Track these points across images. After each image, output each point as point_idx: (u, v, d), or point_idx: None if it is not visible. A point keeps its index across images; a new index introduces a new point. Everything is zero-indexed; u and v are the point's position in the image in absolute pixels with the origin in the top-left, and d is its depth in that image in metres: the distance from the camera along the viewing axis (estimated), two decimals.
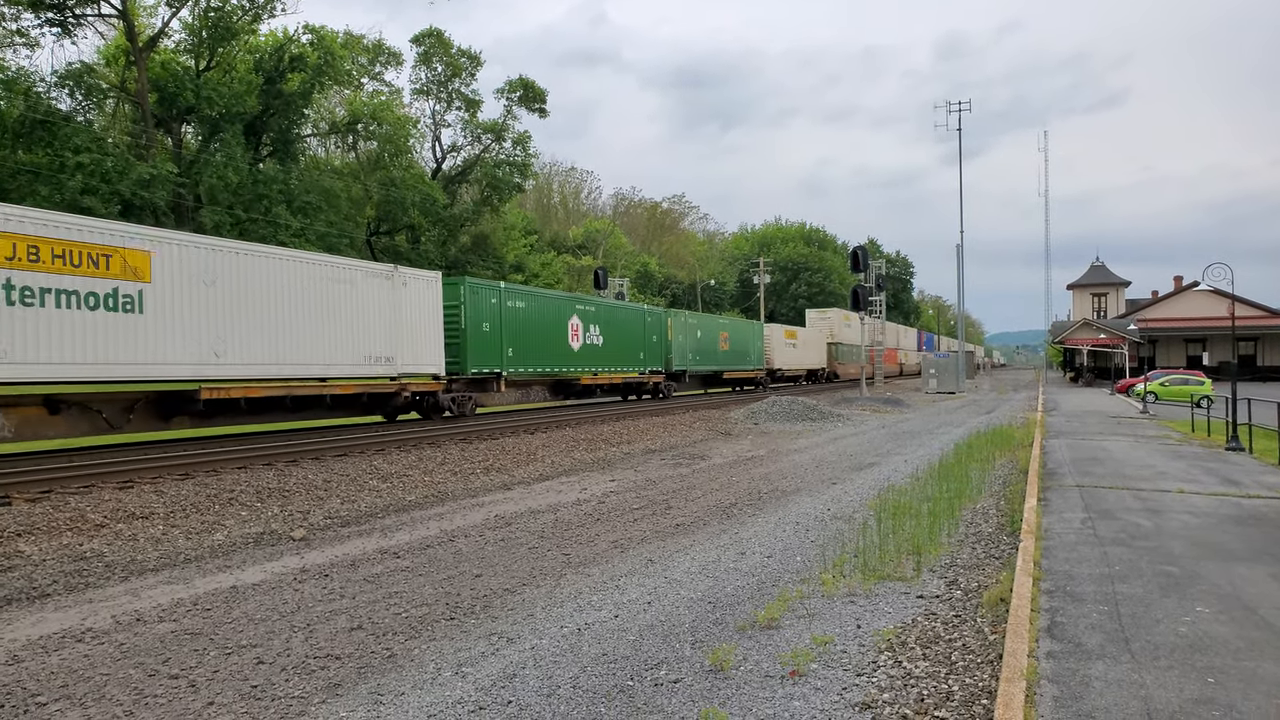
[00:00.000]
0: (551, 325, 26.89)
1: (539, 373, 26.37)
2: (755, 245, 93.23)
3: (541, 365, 26.28)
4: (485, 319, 23.44)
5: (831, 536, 9.52)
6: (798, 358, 51.53)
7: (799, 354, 51.70)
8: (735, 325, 43.79)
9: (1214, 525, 9.50)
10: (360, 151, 50.12)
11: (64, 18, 34.61)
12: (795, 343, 51.36)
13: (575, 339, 28.13)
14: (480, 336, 23.20)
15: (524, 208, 69.53)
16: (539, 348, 26.02)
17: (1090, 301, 77.39)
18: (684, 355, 36.25)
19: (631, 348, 32.17)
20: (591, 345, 29.05)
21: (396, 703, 5.08)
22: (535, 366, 25.90)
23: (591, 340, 29.03)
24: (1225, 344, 59.44)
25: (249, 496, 12.22)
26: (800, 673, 5.37)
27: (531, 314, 25.73)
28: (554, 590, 7.54)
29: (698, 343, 37.77)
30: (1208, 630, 5.81)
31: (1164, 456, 16.26)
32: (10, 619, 6.88)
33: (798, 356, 51.48)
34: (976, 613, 6.58)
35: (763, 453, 18.63)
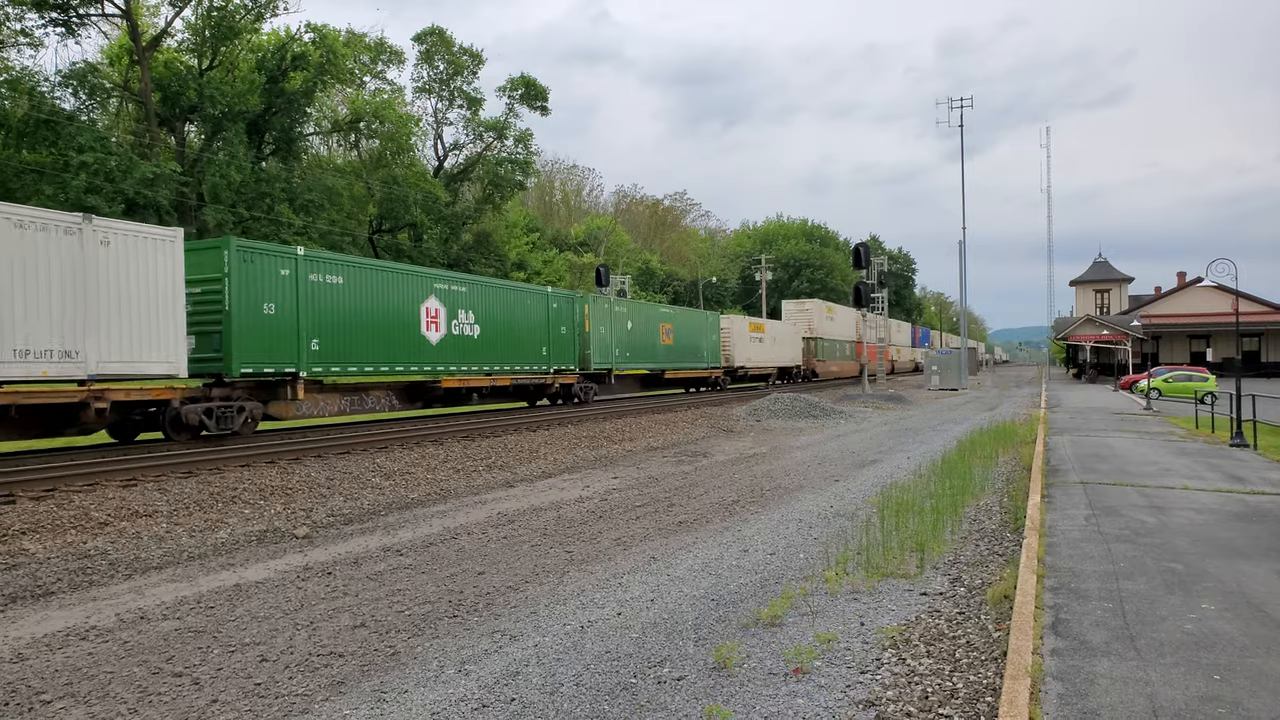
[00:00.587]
0: (394, 309, 19.88)
1: (372, 373, 19.55)
2: (757, 242, 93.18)
3: (377, 363, 19.40)
4: (269, 298, 16.82)
5: (835, 534, 9.51)
6: (766, 354, 45.58)
7: (767, 350, 45.82)
8: (682, 316, 36.85)
9: (1219, 522, 9.48)
10: (362, 149, 50.15)
11: (68, 18, 34.66)
12: (762, 337, 45.27)
13: (433, 328, 21.04)
14: (259, 322, 16.52)
15: (526, 205, 69.55)
16: (372, 339, 19.22)
17: (1093, 298, 77.26)
18: (607, 351, 29.56)
19: (527, 341, 25.09)
20: (460, 337, 21.98)
21: (400, 700, 5.08)
22: (364, 364, 19.08)
23: (461, 330, 22.01)
24: (1229, 340, 59.32)
25: (252, 494, 12.23)
26: (804, 670, 5.36)
27: (357, 293, 18.89)
28: (557, 588, 7.54)
29: (629, 336, 30.94)
30: (1213, 627, 5.80)
31: (1168, 453, 16.22)
32: (15, 617, 6.89)
33: (766, 353, 45.54)
34: (981, 610, 6.57)
35: (765, 450, 18.62)
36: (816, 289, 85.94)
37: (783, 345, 48.37)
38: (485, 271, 47.83)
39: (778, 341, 47.68)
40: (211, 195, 36.72)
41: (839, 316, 59.58)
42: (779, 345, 47.73)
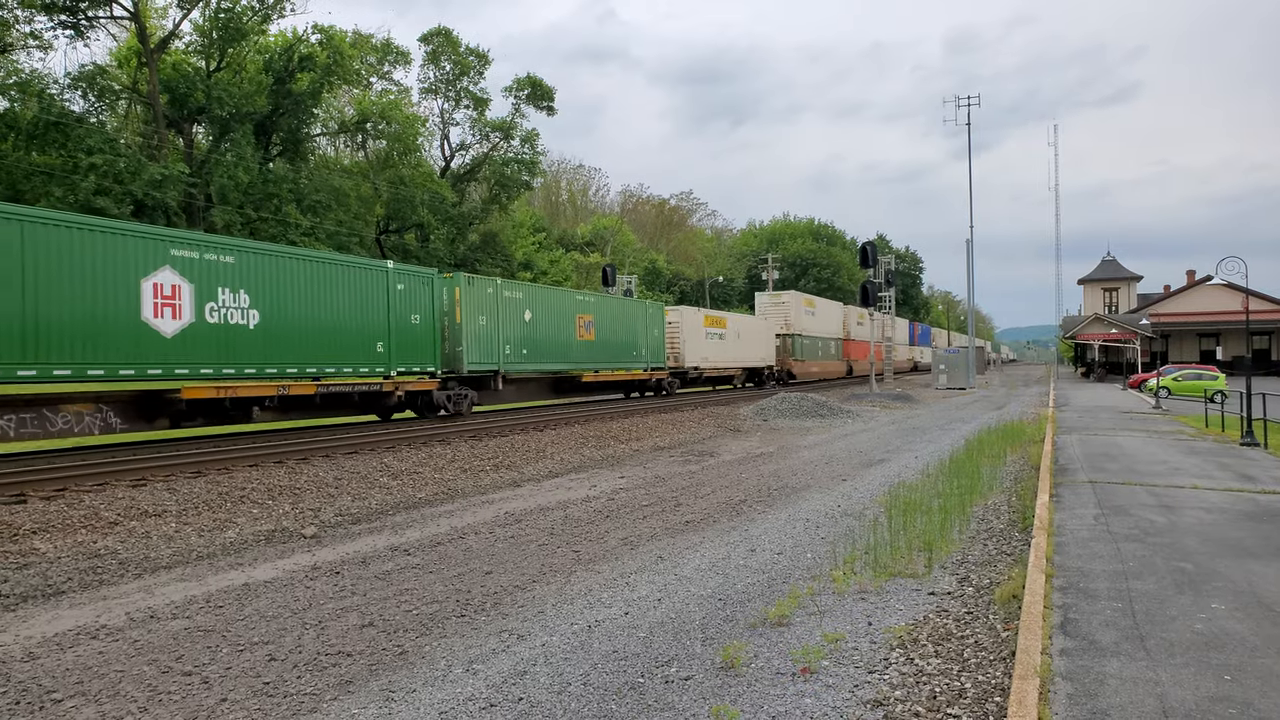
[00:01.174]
0: (95, 286, 13.96)
1: (65, 378, 13.68)
2: (764, 241, 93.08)
3: (66, 363, 13.56)
4: None
5: (842, 533, 9.49)
6: (727, 353, 39.30)
7: (730, 348, 39.48)
8: (608, 305, 30.01)
9: (1229, 521, 9.43)
10: (369, 150, 50.24)
11: (76, 20, 34.82)
12: (723, 333, 38.77)
13: (167, 313, 15.06)
14: None
15: (532, 205, 69.62)
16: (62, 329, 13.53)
17: (1101, 296, 76.95)
18: (491, 348, 23.25)
19: (351, 333, 18.91)
20: (221, 327, 16.02)
21: (408, 700, 5.09)
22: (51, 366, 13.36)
23: (224, 316, 16.04)
24: (1239, 338, 59.04)
25: (260, 494, 12.27)
26: (811, 670, 5.35)
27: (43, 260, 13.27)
28: (564, 587, 7.55)
29: (527, 329, 24.86)
30: (1224, 627, 5.77)
31: (1178, 452, 16.15)
32: (26, 616, 6.93)
33: (727, 351, 39.29)
34: (989, 609, 6.55)
35: (772, 449, 18.60)
36: (823, 288, 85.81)
37: (750, 343, 41.94)
38: (492, 272, 47.84)
39: (743, 338, 41.09)
40: (219, 196, 36.85)
41: (821, 311, 53.30)
42: (745, 343, 41.35)
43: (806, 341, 49.39)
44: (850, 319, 60.74)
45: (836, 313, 56.57)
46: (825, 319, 54.00)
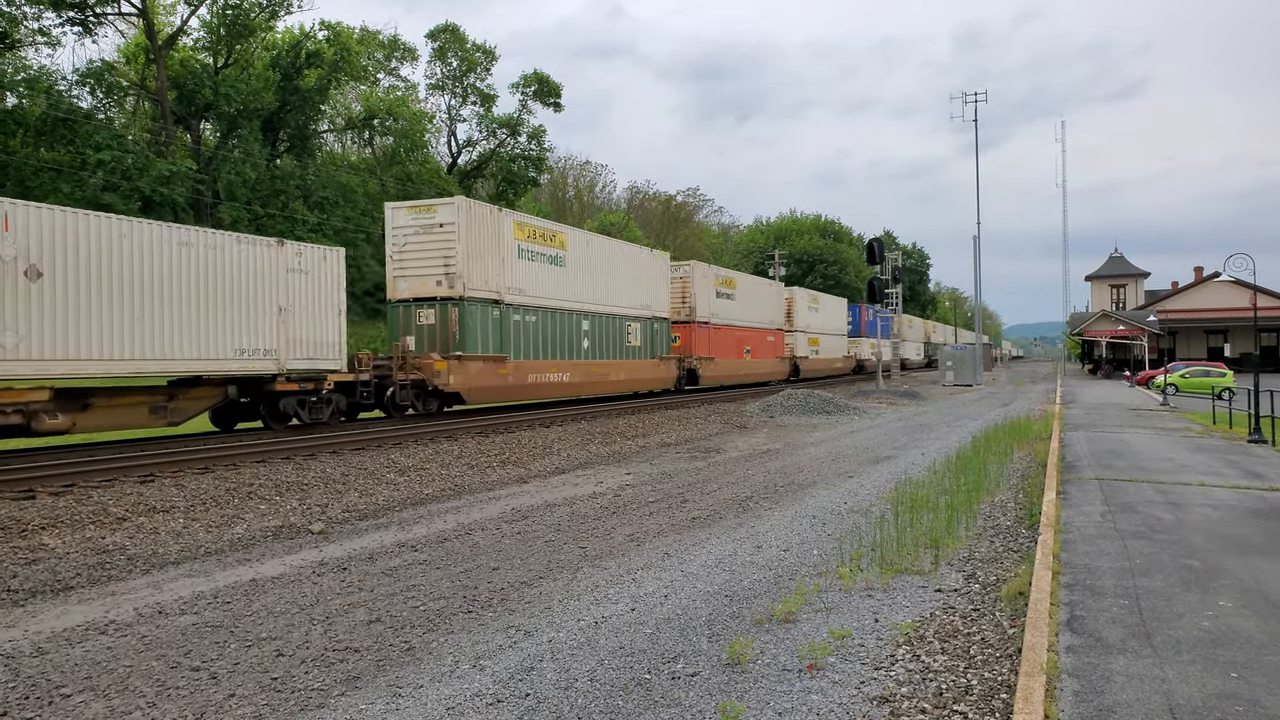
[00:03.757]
0: None
1: None
2: (770, 238, 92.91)
3: None
4: None
5: (848, 530, 9.49)
6: None
7: None
8: None
9: (1236, 519, 9.40)
10: (376, 146, 50.33)
11: (85, 17, 34.94)
12: None
13: None
14: None
15: (539, 201, 69.64)
16: None
17: (1109, 293, 76.74)
18: None
19: None
20: None
21: (415, 695, 5.11)
22: None
23: None
24: (1247, 335, 58.79)
25: (268, 490, 12.31)
26: (818, 666, 5.35)
27: None
28: (571, 583, 7.56)
29: None
30: (1231, 624, 5.76)
31: (1185, 449, 16.10)
32: (35, 611, 6.97)
33: None
34: (995, 606, 6.55)
35: (778, 446, 18.59)
36: (830, 284, 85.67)
37: None
38: None
39: None
40: (227, 193, 36.96)
41: (746, 291, 39.37)
42: None
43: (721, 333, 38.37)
44: (797, 303, 46.50)
45: (767, 294, 42.65)
46: (749, 301, 39.57)
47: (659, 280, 31.12)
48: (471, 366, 21.01)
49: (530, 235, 23.76)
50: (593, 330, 26.59)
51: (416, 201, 22.60)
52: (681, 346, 33.13)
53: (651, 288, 30.31)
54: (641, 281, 29.55)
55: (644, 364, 29.79)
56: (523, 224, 23.60)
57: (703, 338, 34.28)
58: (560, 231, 25.57)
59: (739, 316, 37.96)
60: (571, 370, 25.18)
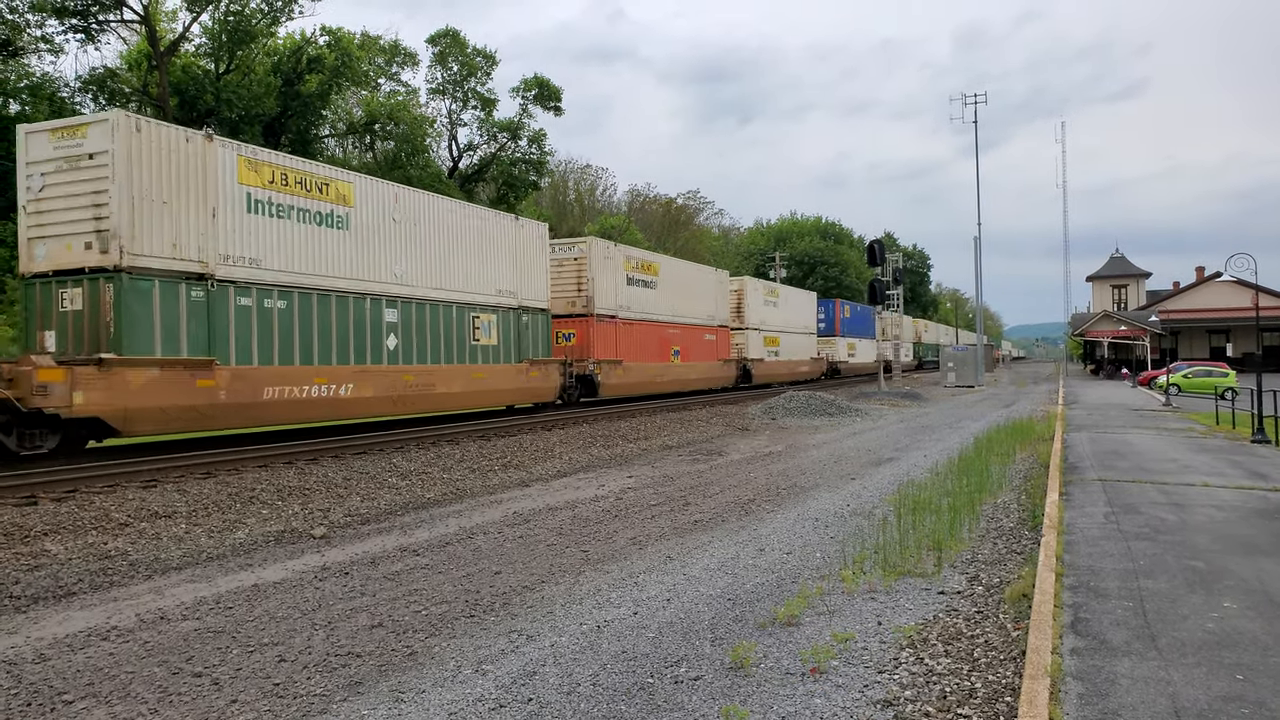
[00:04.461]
0: None
1: None
2: (771, 239, 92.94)
3: None
4: None
5: (851, 532, 9.47)
6: None
7: None
8: None
9: (1240, 519, 9.38)
10: (377, 151, 50.37)
11: (87, 24, 35.02)
12: None
13: None
14: None
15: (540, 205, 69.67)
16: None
17: (1110, 293, 76.67)
18: None
19: None
20: None
21: (417, 700, 5.10)
22: None
23: None
24: (1249, 335, 58.71)
25: (270, 495, 12.31)
26: (821, 670, 5.34)
27: None
28: (573, 587, 7.55)
29: None
30: (1236, 626, 5.74)
31: (1188, 450, 16.07)
32: (37, 617, 6.96)
33: None
34: (999, 609, 6.53)
35: (780, 448, 18.57)
36: (831, 286, 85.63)
37: None
38: None
39: None
40: None
41: (674, 279, 32.64)
42: None
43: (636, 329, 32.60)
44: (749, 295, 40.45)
45: (706, 282, 36.08)
46: (675, 292, 32.88)
47: (530, 259, 23.88)
48: (133, 377, 13.61)
49: (275, 180, 16.29)
50: (405, 323, 19.29)
51: (60, 121, 14.89)
52: (575, 347, 26.60)
53: (516, 268, 23.15)
54: (499, 259, 22.48)
55: (502, 370, 22.25)
56: (259, 162, 16.00)
57: (606, 336, 27.51)
58: (336, 179, 17.87)
59: (664, 310, 31.41)
60: (360, 381, 17.75)
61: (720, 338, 36.54)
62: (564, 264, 27.25)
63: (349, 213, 18.01)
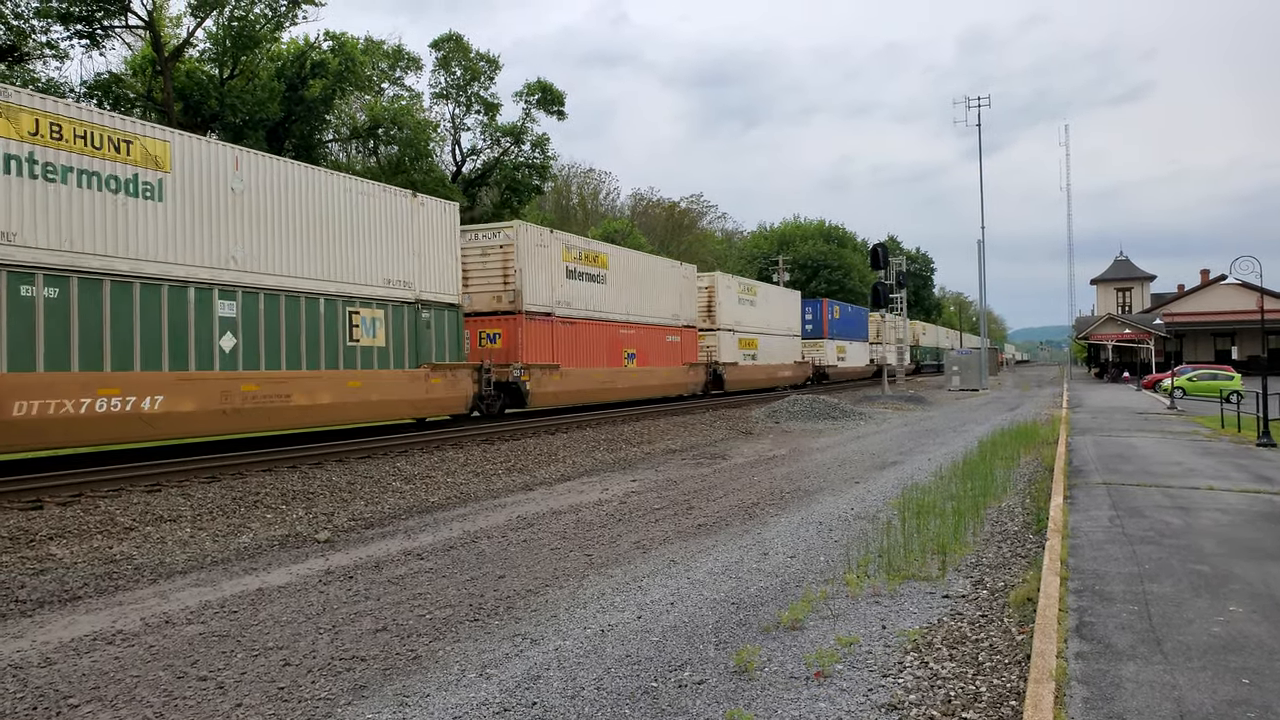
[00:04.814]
0: None
1: None
2: (774, 243, 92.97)
3: None
4: None
5: (855, 536, 9.46)
6: None
7: None
8: None
9: (1246, 523, 9.35)
10: (381, 156, 50.46)
11: (92, 29, 35.15)
12: None
13: None
14: None
15: (543, 209, 69.77)
16: None
17: (1115, 296, 76.56)
18: None
19: None
20: None
21: (422, 704, 5.10)
22: None
23: None
24: (1255, 338, 58.56)
25: (274, 499, 12.33)
26: (825, 674, 5.33)
27: None
28: (577, 591, 7.55)
29: None
30: (1242, 630, 5.72)
31: (1193, 453, 16.03)
32: (42, 621, 6.98)
33: None
34: (1003, 613, 6.52)
35: (784, 452, 18.56)
36: (835, 290, 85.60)
37: None
38: None
39: None
40: None
41: (628, 273, 28.99)
42: None
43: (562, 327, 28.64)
44: (721, 293, 37.06)
45: (670, 278, 32.20)
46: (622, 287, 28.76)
47: (434, 245, 20.14)
48: None
49: (42, 132, 12.83)
50: (248, 319, 15.69)
51: None
52: (501, 350, 22.87)
53: (414, 255, 19.47)
54: (391, 244, 18.87)
55: (390, 378, 18.52)
56: (14, 108, 12.57)
57: (538, 337, 23.71)
58: (144, 136, 14.25)
59: (615, 307, 27.99)
60: (176, 392, 14.26)
61: (686, 339, 32.90)
62: (488, 253, 23.44)
63: (163, 179, 14.35)
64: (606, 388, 27.30)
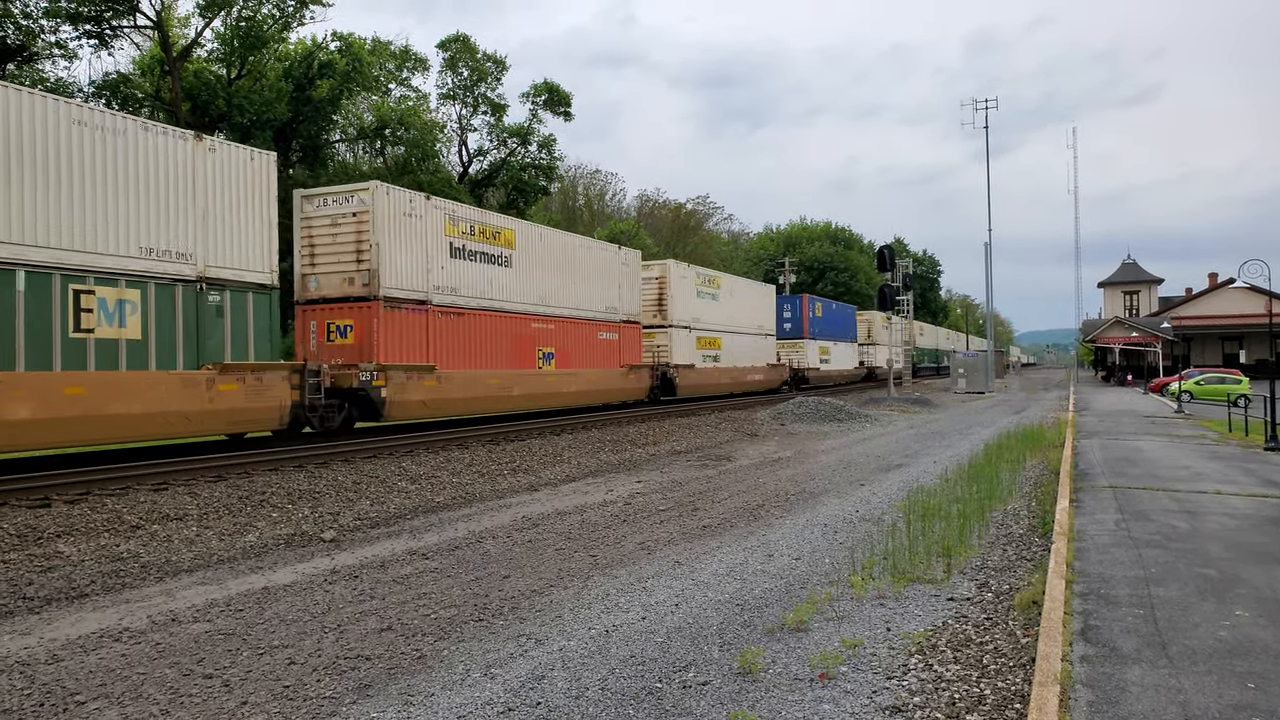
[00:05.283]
0: None
1: None
2: (780, 245, 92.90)
3: None
4: None
5: (860, 538, 9.45)
6: None
7: None
8: None
9: (1253, 527, 9.32)
10: (388, 156, 50.57)
11: (101, 30, 35.30)
12: None
13: None
14: None
15: (549, 210, 69.83)
16: None
17: (1122, 299, 76.39)
18: None
19: None
20: None
21: (426, 703, 5.11)
22: None
23: None
24: (1263, 342, 58.32)
25: (280, 498, 12.36)
26: (830, 675, 5.33)
27: None
28: (581, 592, 7.55)
29: None
30: (1248, 634, 5.70)
31: (1200, 457, 15.97)
32: (50, 618, 7.01)
33: None
34: (1008, 615, 6.51)
35: (789, 454, 18.54)
36: (841, 292, 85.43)
37: None
38: None
39: None
40: None
41: (541, 254, 23.94)
42: None
43: None
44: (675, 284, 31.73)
45: (605, 264, 27.43)
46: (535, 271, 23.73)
47: (228, 203, 15.50)
48: None
49: None
50: None
51: None
52: (353, 347, 18.36)
53: (196, 215, 14.82)
54: (153, 199, 14.20)
55: (146, 383, 13.68)
56: None
57: (407, 330, 18.90)
58: None
59: (526, 296, 22.87)
60: None
61: (626, 337, 27.94)
62: (338, 223, 18.66)
63: None
64: (503, 395, 21.84)
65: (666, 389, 30.61)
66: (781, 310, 45.41)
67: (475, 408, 21.59)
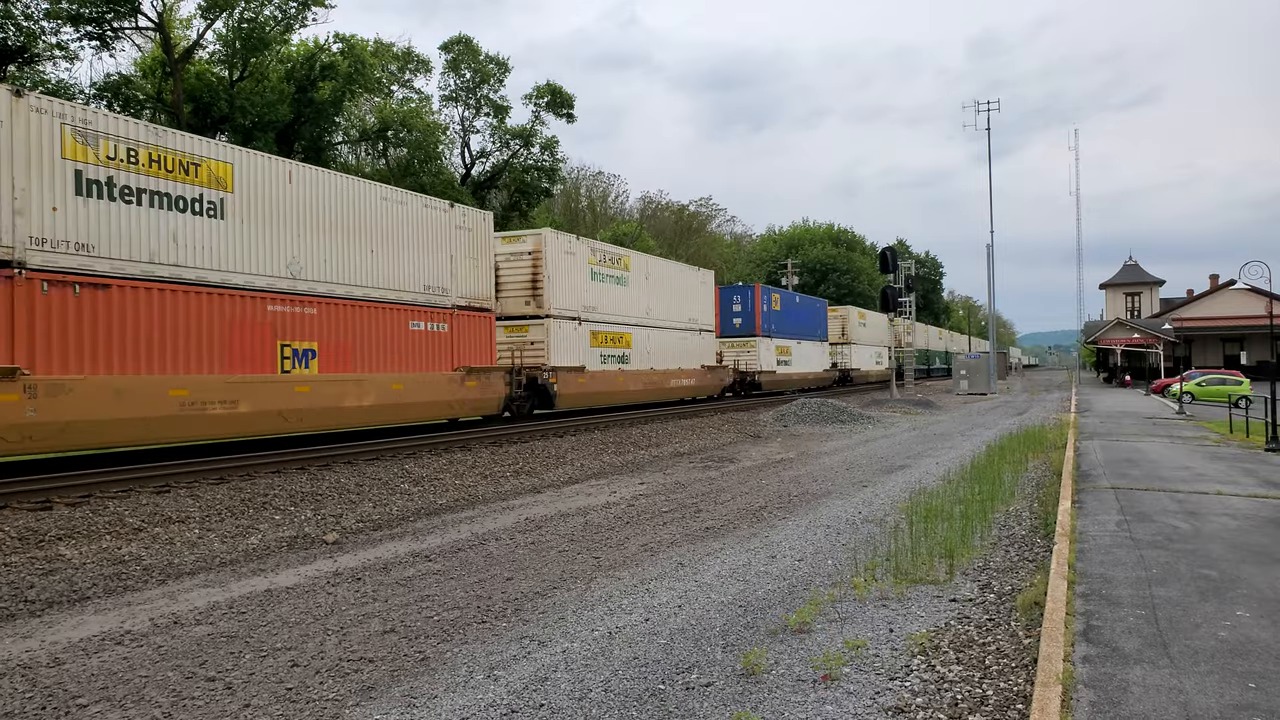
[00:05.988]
0: None
1: None
2: (783, 247, 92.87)
3: None
4: None
5: (863, 540, 9.45)
6: None
7: None
8: None
9: (1254, 528, 9.32)
10: (390, 158, 50.63)
11: (102, 31, 35.38)
12: None
13: None
14: None
15: (552, 212, 69.87)
16: None
17: (1124, 301, 76.32)
18: None
19: None
20: None
21: (429, 705, 5.12)
22: None
23: None
24: (1264, 343, 58.26)
25: (282, 500, 12.37)
26: (832, 677, 5.34)
27: None
28: (584, 593, 7.56)
29: None
30: (1249, 635, 5.70)
31: (1201, 458, 15.96)
32: (51, 621, 7.02)
33: None
34: (1010, 616, 6.51)
35: (792, 455, 18.54)
36: (843, 293, 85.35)
37: None
38: None
39: None
40: None
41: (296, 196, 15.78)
42: None
43: None
44: (553, 263, 23.85)
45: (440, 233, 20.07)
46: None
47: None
48: None
49: None
50: None
51: None
52: None
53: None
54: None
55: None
56: None
57: None
58: None
59: (252, 265, 15.06)
60: None
61: (466, 331, 20.38)
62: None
63: None
64: (184, 415, 13.81)
65: (543, 400, 23.67)
66: (729, 302, 38.33)
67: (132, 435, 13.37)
